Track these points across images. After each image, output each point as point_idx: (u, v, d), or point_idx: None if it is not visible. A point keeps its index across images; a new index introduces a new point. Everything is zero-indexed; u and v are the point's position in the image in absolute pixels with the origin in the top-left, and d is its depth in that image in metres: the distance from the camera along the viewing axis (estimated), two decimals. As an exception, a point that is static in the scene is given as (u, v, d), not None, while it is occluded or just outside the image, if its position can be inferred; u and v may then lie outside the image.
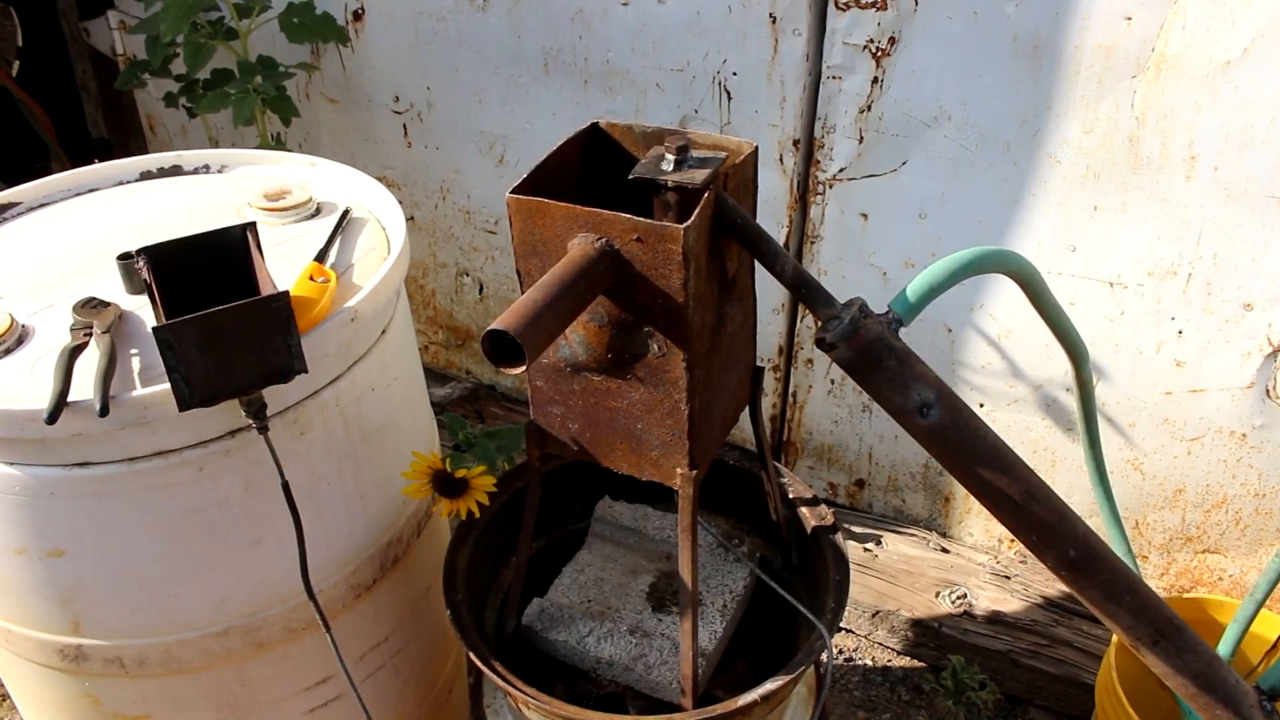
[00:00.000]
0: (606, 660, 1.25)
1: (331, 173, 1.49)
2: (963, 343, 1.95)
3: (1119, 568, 0.96)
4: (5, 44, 3.10)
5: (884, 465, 2.17)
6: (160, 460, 1.08)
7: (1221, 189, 1.61)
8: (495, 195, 2.35)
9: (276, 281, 1.06)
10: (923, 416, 0.93)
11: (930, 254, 1.90)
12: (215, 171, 1.52)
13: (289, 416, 1.15)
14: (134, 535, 1.12)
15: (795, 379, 2.17)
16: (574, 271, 0.92)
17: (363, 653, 1.38)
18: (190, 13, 2.05)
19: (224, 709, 1.29)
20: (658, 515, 1.42)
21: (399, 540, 1.36)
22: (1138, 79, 1.60)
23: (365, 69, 2.35)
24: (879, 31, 1.74)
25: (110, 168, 1.49)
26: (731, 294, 1.07)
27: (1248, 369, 1.72)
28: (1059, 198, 1.74)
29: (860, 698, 1.99)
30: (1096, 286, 1.78)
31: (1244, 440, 1.78)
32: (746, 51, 1.88)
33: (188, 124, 2.81)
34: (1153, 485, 1.90)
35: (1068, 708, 1.89)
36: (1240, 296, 1.67)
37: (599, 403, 1.08)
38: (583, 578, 1.36)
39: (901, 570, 2.08)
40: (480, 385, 2.66)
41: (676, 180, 0.95)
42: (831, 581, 1.26)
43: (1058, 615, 1.97)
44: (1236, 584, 1.91)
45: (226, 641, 1.21)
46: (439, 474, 1.24)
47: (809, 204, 1.97)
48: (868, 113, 1.82)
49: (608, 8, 1.97)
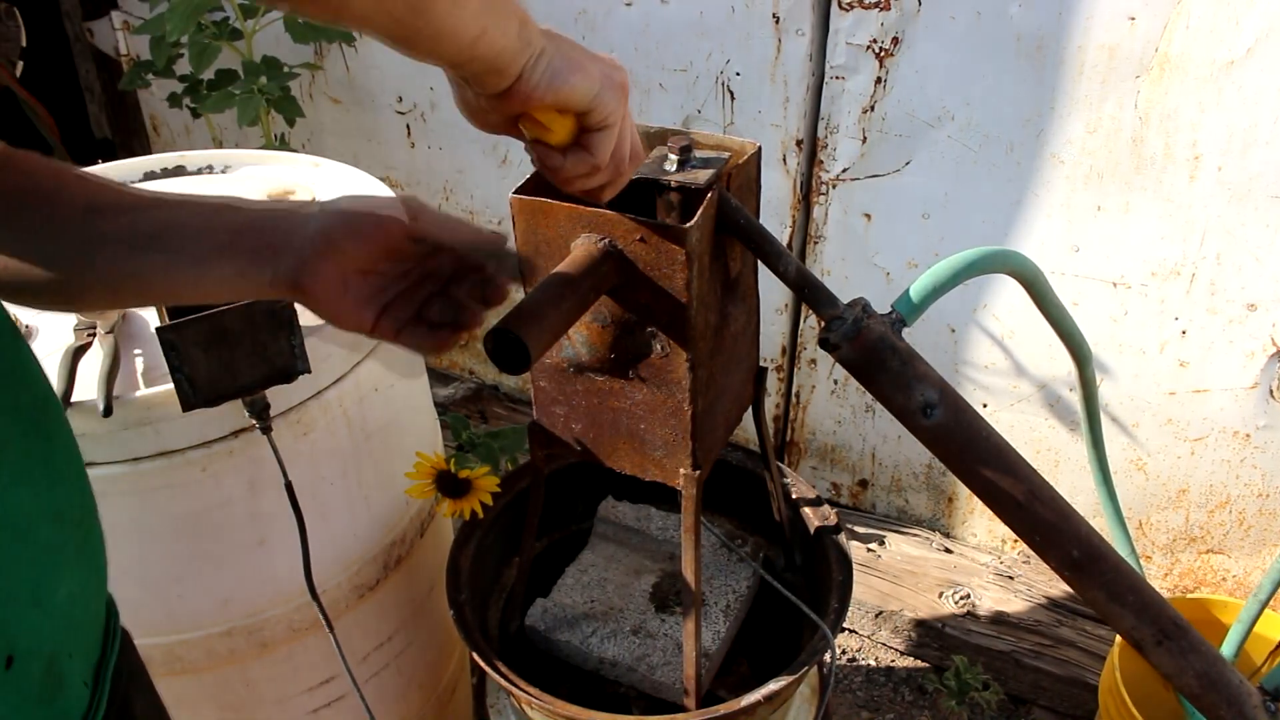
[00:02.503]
0: (610, 660, 1.25)
1: (335, 173, 1.49)
2: (966, 343, 1.95)
3: (1122, 568, 0.96)
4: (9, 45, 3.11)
5: (887, 466, 2.17)
6: (164, 460, 1.08)
7: (1225, 189, 1.61)
8: (498, 195, 2.35)
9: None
10: (926, 417, 0.92)
11: (933, 254, 1.89)
12: (219, 172, 1.53)
13: (292, 417, 1.15)
14: (137, 535, 1.12)
15: (798, 379, 2.17)
16: (577, 272, 0.92)
17: (366, 653, 1.38)
18: (195, 13, 2.05)
19: (227, 709, 1.29)
20: (661, 515, 1.42)
21: (402, 540, 1.36)
22: (1141, 79, 1.59)
23: (369, 69, 2.36)
24: (882, 31, 1.74)
25: (114, 168, 1.49)
26: (735, 294, 1.07)
27: (1251, 369, 1.71)
28: (1062, 198, 1.74)
29: (863, 698, 1.99)
30: (1100, 286, 1.78)
31: (1248, 441, 1.78)
32: (750, 52, 1.88)
33: (191, 124, 2.81)
34: (1156, 485, 1.90)
35: (1071, 708, 1.88)
36: (1244, 297, 1.67)
37: (602, 403, 1.08)
38: (586, 578, 1.36)
39: (905, 570, 2.08)
40: (483, 385, 2.66)
41: (680, 180, 0.95)
42: (835, 582, 1.26)
43: (1061, 615, 1.97)
44: (1240, 584, 1.91)
45: (230, 641, 1.21)
46: (442, 474, 1.24)
47: (812, 204, 1.97)
48: (871, 113, 1.82)
49: (611, 8, 1.97)
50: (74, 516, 0.70)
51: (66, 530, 0.68)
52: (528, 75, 0.71)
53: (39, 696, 0.64)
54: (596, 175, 0.81)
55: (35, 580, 0.64)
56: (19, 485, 0.63)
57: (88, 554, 0.72)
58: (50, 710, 0.66)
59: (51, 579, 0.65)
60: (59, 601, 0.66)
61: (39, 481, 0.65)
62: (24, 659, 0.62)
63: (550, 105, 0.74)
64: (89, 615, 0.73)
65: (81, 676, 0.71)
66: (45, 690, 0.65)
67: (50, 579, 0.65)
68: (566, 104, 0.74)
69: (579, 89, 0.73)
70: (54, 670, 0.66)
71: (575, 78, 0.73)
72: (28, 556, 0.63)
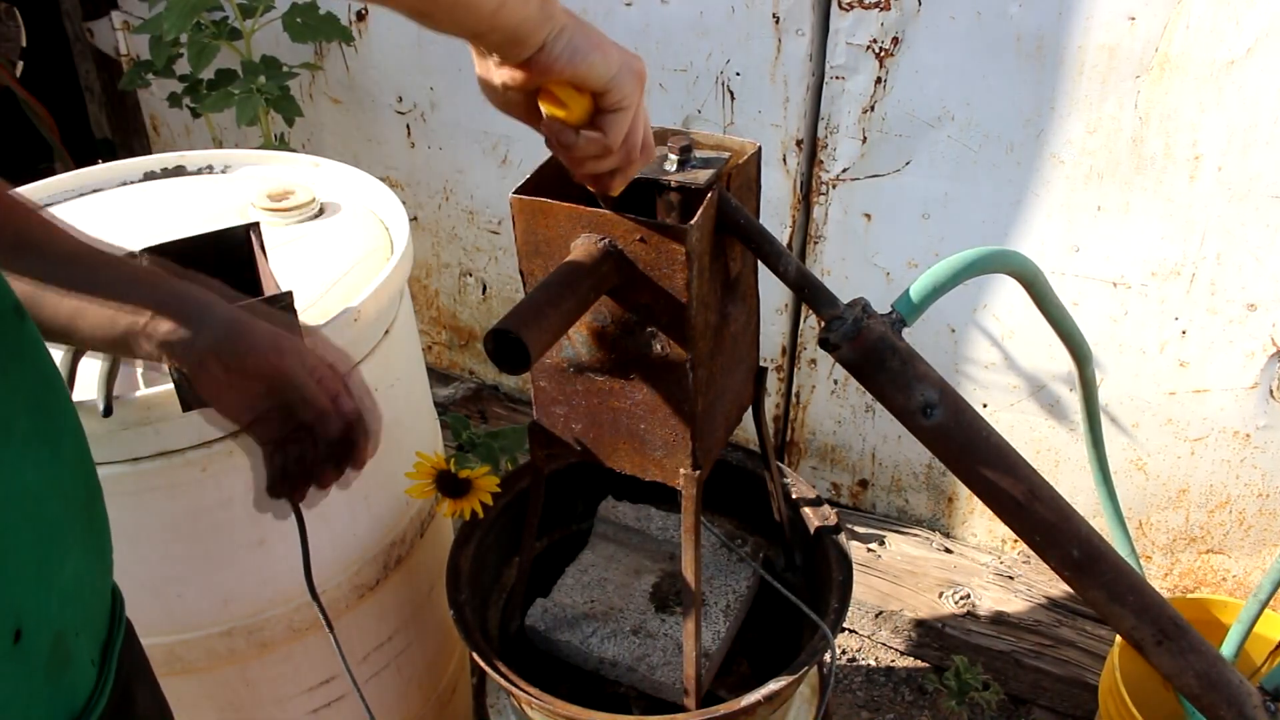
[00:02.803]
0: (609, 660, 1.25)
1: (335, 173, 1.49)
2: (966, 343, 1.95)
3: (1122, 568, 0.96)
4: (9, 45, 3.11)
5: (887, 466, 2.17)
6: (164, 461, 1.08)
7: (1225, 189, 1.61)
8: (498, 195, 2.35)
9: (279, 282, 1.06)
10: (926, 417, 0.93)
11: (933, 254, 1.89)
12: (219, 172, 1.53)
13: (292, 417, 1.15)
14: (137, 536, 1.12)
15: (798, 379, 2.17)
16: (577, 272, 0.92)
17: (366, 653, 1.38)
18: (194, 13, 2.06)
19: (227, 709, 1.29)
20: (661, 515, 1.42)
21: (402, 540, 1.36)
22: (1141, 79, 1.59)
23: (369, 69, 2.35)
24: (882, 31, 1.74)
25: (114, 168, 1.49)
26: (735, 294, 1.07)
27: (1251, 369, 1.71)
28: (1062, 198, 1.74)
29: (863, 698, 1.99)
30: (1100, 286, 1.78)
31: (1248, 441, 1.78)
32: (750, 52, 1.88)
33: (191, 124, 2.81)
34: (1156, 485, 1.90)
35: (1071, 708, 1.88)
36: (1244, 297, 1.67)
37: (602, 403, 1.08)
38: (586, 578, 1.36)
39: (905, 570, 2.08)
40: (483, 385, 2.66)
41: (680, 180, 0.95)
42: (835, 582, 1.26)
43: (1061, 615, 1.97)
44: (1240, 584, 1.91)
45: (230, 642, 1.21)
46: (442, 474, 1.24)
47: (812, 204, 1.97)
48: (871, 113, 1.82)
49: (611, 8, 1.97)
50: (80, 497, 0.71)
51: (73, 510, 0.69)
52: (549, 46, 0.74)
53: (46, 672, 0.66)
54: (608, 158, 0.83)
55: (42, 558, 0.65)
56: (25, 463, 0.64)
57: (94, 535, 0.74)
58: (57, 686, 0.67)
59: (58, 557, 0.67)
60: (65, 580, 0.68)
61: (45, 460, 0.66)
62: (32, 634, 0.63)
63: (568, 79, 0.76)
64: (95, 595, 0.75)
65: (89, 655, 0.72)
66: (53, 666, 0.66)
67: (57, 557, 0.66)
68: (585, 80, 0.77)
69: (597, 66, 0.76)
70: (61, 647, 0.67)
71: (595, 55, 0.76)
72: (35, 534, 0.64)
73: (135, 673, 0.81)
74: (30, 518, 0.64)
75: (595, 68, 0.76)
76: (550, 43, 0.74)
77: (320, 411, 0.83)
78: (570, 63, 0.75)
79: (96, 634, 0.75)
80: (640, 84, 0.81)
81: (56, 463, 0.68)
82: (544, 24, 0.73)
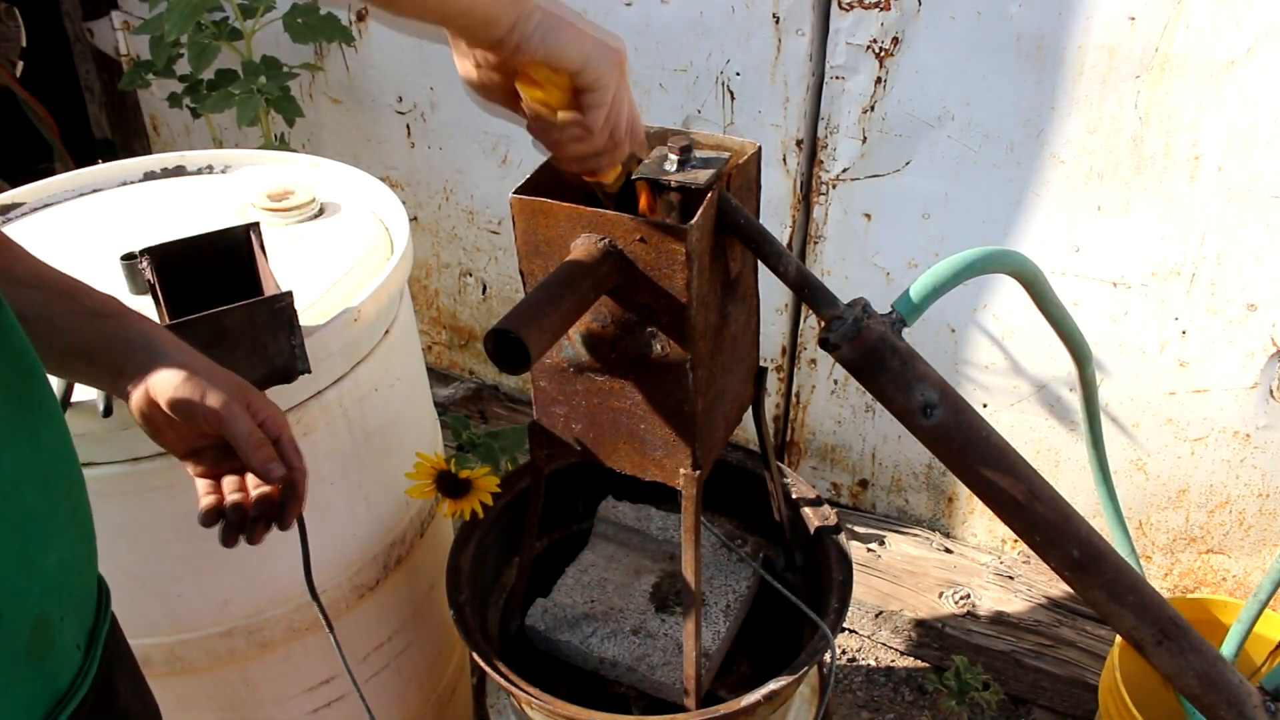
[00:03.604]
0: (610, 660, 1.25)
1: (335, 173, 1.49)
2: (966, 343, 1.95)
3: (1122, 568, 0.96)
4: (9, 45, 3.11)
5: (887, 466, 2.17)
6: (163, 461, 1.08)
7: (1225, 189, 1.61)
8: (498, 195, 2.35)
9: (279, 282, 1.06)
10: (926, 417, 0.93)
11: (933, 254, 1.89)
12: (219, 172, 1.53)
13: (292, 417, 1.15)
14: (137, 535, 1.12)
15: (798, 379, 2.17)
16: (577, 272, 0.92)
17: (366, 653, 1.38)
18: (194, 13, 2.05)
19: (227, 709, 1.29)
20: (661, 515, 1.42)
21: (402, 541, 1.36)
22: (1141, 79, 1.59)
23: (369, 69, 2.35)
24: (882, 31, 1.74)
25: (114, 168, 1.49)
26: (735, 294, 1.07)
27: (1251, 369, 1.71)
28: (1062, 198, 1.74)
29: (864, 698, 1.99)
30: (1100, 286, 1.78)
31: (1248, 441, 1.78)
32: (750, 52, 1.88)
33: (191, 124, 2.81)
34: (1156, 485, 1.90)
35: (1071, 708, 1.88)
36: (1244, 297, 1.67)
37: (602, 403, 1.08)
38: (586, 578, 1.36)
39: (905, 570, 2.08)
40: (483, 385, 2.66)
41: (680, 180, 0.95)
42: (835, 582, 1.26)
43: (1061, 615, 1.97)
44: (1240, 584, 1.91)
45: (230, 642, 1.21)
46: (442, 474, 1.24)
47: (812, 204, 1.97)
48: (871, 113, 1.82)
49: (611, 8, 1.97)
50: (61, 485, 0.72)
51: (55, 497, 0.70)
52: (520, 27, 0.75)
53: (27, 656, 0.66)
54: (590, 142, 0.83)
55: (22, 542, 0.66)
56: (4, 449, 0.65)
57: (78, 522, 0.75)
58: (39, 670, 0.68)
59: (40, 542, 0.67)
60: (49, 565, 0.69)
61: (24, 447, 0.67)
62: (10, 618, 0.64)
63: (542, 61, 0.77)
64: (80, 581, 0.75)
65: (74, 639, 0.73)
66: (34, 650, 0.67)
67: (38, 542, 0.67)
68: (558, 61, 0.77)
69: (569, 47, 0.77)
70: (43, 632, 0.68)
71: (567, 34, 0.77)
72: (14, 519, 0.65)
73: (117, 662, 0.83)
74: (10, 502, 0.65)
75: (567, 48, 0.77)
76: (522, 22, 0.75)
77: (255, 469, 0.85)
78: (543, 43, 0.76)
79: (83, 620, 0.75)
80: (619, 65, 0.81)
81: (37, 451, 0.69)
82: (514, 5, 0.74)
